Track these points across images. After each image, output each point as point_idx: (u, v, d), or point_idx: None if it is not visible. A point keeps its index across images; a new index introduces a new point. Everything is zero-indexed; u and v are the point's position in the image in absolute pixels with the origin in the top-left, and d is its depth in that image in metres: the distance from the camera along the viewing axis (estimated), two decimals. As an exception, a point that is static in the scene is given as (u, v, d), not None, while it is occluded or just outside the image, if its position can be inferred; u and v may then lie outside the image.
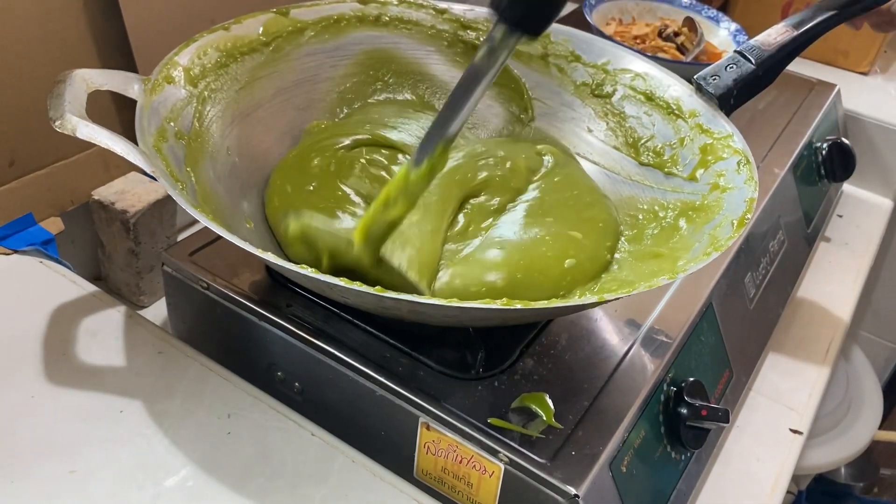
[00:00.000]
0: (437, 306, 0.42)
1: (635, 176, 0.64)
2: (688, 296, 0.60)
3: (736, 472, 0.63)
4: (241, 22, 0.60)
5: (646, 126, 0.65)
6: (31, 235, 0.63)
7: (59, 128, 0.45)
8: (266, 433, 0.51)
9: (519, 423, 0.48)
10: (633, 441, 0.50)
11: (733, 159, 0.57)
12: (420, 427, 0.49)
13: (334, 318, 0.54)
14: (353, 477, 0.49)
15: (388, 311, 0.48)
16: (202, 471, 0.48)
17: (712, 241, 0.50)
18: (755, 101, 0.88)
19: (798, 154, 0.82)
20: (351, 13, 0.67)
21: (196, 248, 0.58)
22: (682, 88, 0.63)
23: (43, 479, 0.47)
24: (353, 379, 0.51)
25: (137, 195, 0.66)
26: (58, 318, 0.57)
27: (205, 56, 0.57)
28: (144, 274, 0.68)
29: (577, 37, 0.68)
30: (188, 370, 0.54)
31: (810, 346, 0.77)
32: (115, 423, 0.50)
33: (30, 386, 0.52)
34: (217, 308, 0.56)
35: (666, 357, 0.54)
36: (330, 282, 0.41)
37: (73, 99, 0.47)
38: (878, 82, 1.09)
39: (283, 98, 0.64)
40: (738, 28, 0.95)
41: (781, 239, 0.77)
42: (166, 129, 0.51)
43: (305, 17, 0.64)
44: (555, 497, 0.45)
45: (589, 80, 0.68)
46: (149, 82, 0.52)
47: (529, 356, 0.53)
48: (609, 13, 0.97)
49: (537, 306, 0.42)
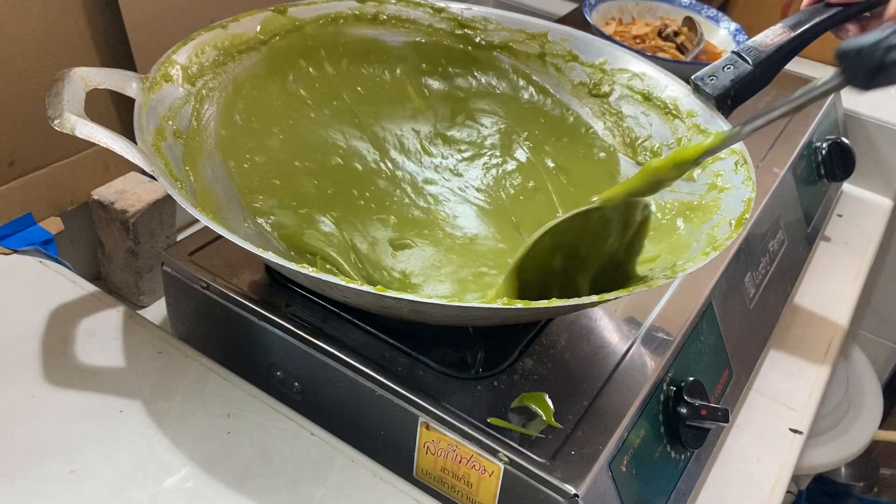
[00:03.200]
0: (437, 305, 0.42)
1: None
2: (687, 295, 0.60)
3: (736, 472, 0.63)
4: (238, 20, 0.60)
5: (643, 126, 0.65)
6: (31, 235, 0.63)
7: (57, 126, 0.45)
8: (266, 433, 0.51)
9: (519, 423, 0.48)
10: (632, 441, 0.50)
11: (731, 159, 0.57)
12: (420, 427, 0.49)
13: (334, 317, 0.54)
14: (353, 477, 0.49)
15: (388, 311, 0.48)
16: (202, 471, 0.48)
17: (710, 241, 0.50)
18: (754, 101, 0.88)
19: (798, 154, 0.82)
20: (348, 11, 0.67)
21: (196, 247, 0.58)
22: (680, 88, 0.63)
23: (43, 479, 0.47)
24: (352, 379, 0.51)
25: (137, 195, 0.66)
26: (57, 318, 0.57)
27: (203, 54, 0.57)
28: (144, 274, 0.68)
29: (574, 36, 0.68)
30: (188, 370, 0.54)
31: (810, 346, 0.77)
32: (115, 423, 0.50)
33: (29, 386, 0.52)
34: (217, 308, 0.56)
35: (666, 357, 0.54)
36: (330, 280, 0.41)
37: (71, 97, 0.47)
38: (878, 82, 1.09)
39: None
40: (737, 28, 0.95)
41: (781, 238, 0.77)
42: (164, 127, 0.51)
43: (303, 16, 0.64)
44: (554, 497, 0.45)
45: (586, 80, 0.68)
46: (147, 81, 0.52)
47: (529, 356, 0.53)
48: (609, 13, 0.97)
49: (537, 306, 0.42)
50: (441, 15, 0.69)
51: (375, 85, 0.68)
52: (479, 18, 0.70)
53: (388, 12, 0.68)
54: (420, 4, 0.69)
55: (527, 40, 0.69)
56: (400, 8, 0.69)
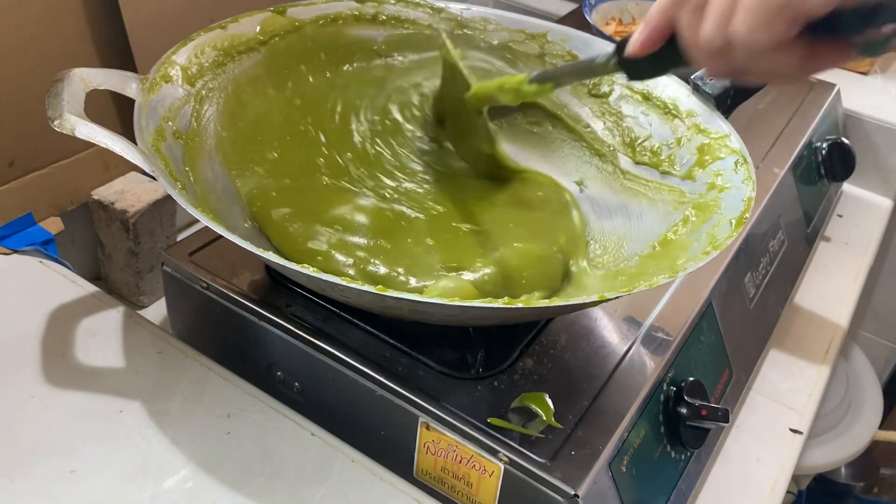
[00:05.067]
0: (438, 305, 0.42)
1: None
2: (688, 295, 0.60)
3: (736, 472, 0.63)
4: (238, 21, 0.60)
5: (643, 126, 0.65)
6: (31, 235, 0.63)
7: (57, 127, 0.45)
8: (266, 433, 0.51)
9: (519, 423, 0.48)
10: (632, 441, 0.50)
11: (731, 159, 0.57)
12: (420, 427, 0.49)
13: (334, 317, 0.54)
14: (352, 477, 0.49)
15: (389, 311, 0.48)
16: (202, 471, 0.48)
17: (711, 241, 0.50)
18: (755, 101, 0.88)
19: (798, 154, 0.82)
20: (348, 12, 0.67)
21: (196, 247, 0.58)
22: (680, 88, 0.63)
23: (43, 479, 0.47)
24: (352, 379, 0.51)
25: (137, 195, 0.66)
26: (57, 318, 0.57)
27: (202, 55, 0.57)
28: (144, 274, 0.68)
29: (573, 36, 0.68)
30: (188, 370, 0.54)
31: (810, 346, 0.77)
32: (115, 423, 0.50)
33: (30, 386, 0.52)
34: (217, 308, 0.56)
35: (666, 357, 0.54)
36: (331, 280, 0.41)
37: (71, 98, 0.47)
38: (878, 82, 1.09)
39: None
40: (737, 28, 0.95)
41: (781, 238, 0.77)
42: (164, 128, 0.51)
43: (302, 16, 0.64)
44: (554, 497, 0.45)
45: (586, 80, 0.68)
46: (147, 81, 0.52)
47: (529, 356, 0.53)
48: (609, 13, 0.97)
49: (538, 305, 0.42)
50: (440, 15, 0.69)
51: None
52: (479, 19, 0.70)
53: (388, 12, 0.68)
54: (419, 5, 0.69)
55: (526, 40, 0.69)
56: (399, 8, 0.69)
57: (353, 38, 0.67)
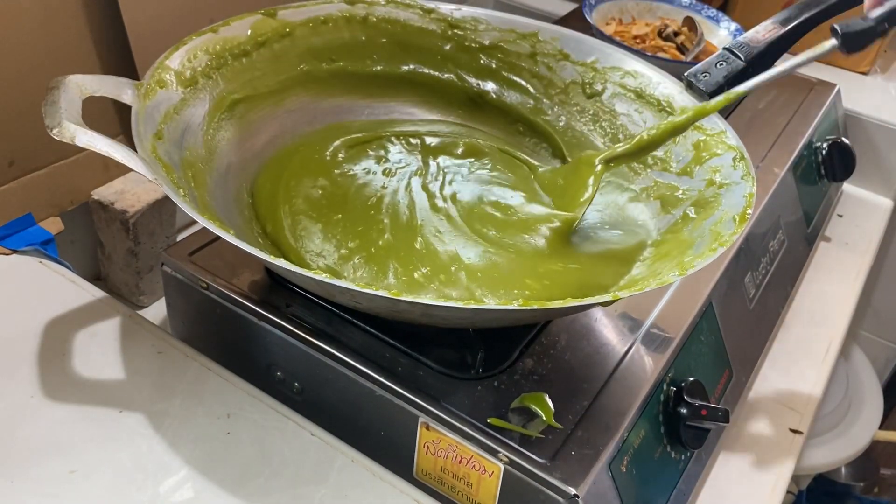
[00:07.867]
0: (452, 308, 0.42)
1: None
2: (687, 295, 0.60)
3: (736, 472, 0.63)
4: (229, 24, 0.60)
5: (637, 123, 0.65)
6: (31, 235, 0.63)
7: (56, 136, 0.44)
8: (266, 433, 0.51)
9: (519, 423, 0.48)
10: (632, 441, 0.50)
11: (728, 155, 0.56)
12: (420, 427, 0.49)
13: (334, 318, 0.54)
14: (352, 477, 0.49)
15: (400, 315, 0.47)
16: (202, 471, 0.48)
17: (715, 237, 0.50)
18: (755, 101, 0.88)
19: (798, 154, 0.82)
20: (338, 14, 0.66)
21: (195, 248, 0.58)
22: (673, 86, 0.63)
23: (43, 479, 0.47)
24: (352, 379, 0.51)
25: (137, 195, 0.66)
26: (57, 319, 0.57)
27: (195, 59, 0.57)
28: (144, 274, 0.68)
29: (565, 35, 0.68)
30: (188, 370, 0.54)
31: (810, 346, 0.77)
32: (115, 423, 0.50)
33: (29, 386, 0.52)
34: (217, 308, 0.56)
35: (666, 357, 0.54)
36: (341, 285, 0.40)
37: (68, 106, 0.46)
38: (878, 82, 1.09)
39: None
40: (737, 28, 0.95)
41: (781, 238, 0.77)
42: (163, 133, 0.51)
43: (293, 19, 0.64)
44: (554, 497, 0.45)
45: (578, 79, 0.68)
46: (142, 87, 0.52)
47: (529, 356, 0.53)
48: (609, 13, 0.97)
49: (551, 306, 0.42)
50: (431, 16, 0.69)
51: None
52: (469, 19, 0.69)
53: (378, 14, 0.68)
54: (410, 6, 0.69)
55: (517, 40, 0.69)
56: (390, 10, 0.68)
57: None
